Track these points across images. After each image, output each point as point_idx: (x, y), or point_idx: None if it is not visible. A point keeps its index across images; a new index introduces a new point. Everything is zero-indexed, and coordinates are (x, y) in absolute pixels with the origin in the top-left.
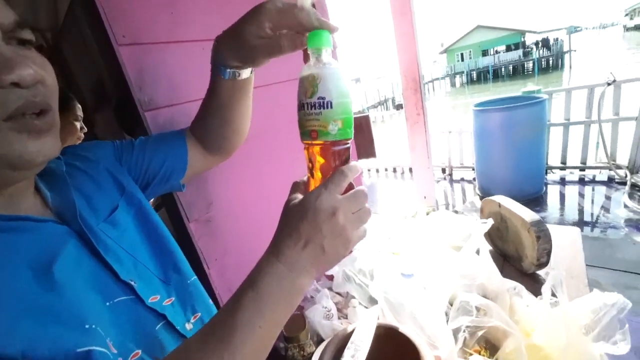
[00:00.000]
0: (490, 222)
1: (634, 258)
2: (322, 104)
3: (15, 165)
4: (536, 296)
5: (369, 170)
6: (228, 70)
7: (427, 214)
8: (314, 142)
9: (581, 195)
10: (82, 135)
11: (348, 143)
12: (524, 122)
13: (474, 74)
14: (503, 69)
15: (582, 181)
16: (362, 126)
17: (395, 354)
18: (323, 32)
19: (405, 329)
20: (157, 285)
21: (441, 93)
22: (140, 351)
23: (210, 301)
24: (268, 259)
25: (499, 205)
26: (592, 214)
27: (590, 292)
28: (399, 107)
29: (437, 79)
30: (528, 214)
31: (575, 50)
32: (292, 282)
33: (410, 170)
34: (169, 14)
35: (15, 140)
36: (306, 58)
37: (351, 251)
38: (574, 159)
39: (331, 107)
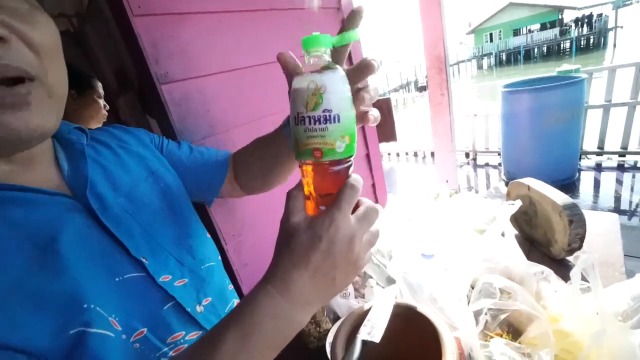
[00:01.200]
0: (518, 203)
1: None
2: (328, 117)
3: None
4: (566, 282)
5: (389, 154)
6: None
7: (451, 196)
8: (316, 161)
9: (619, 182)
10: (106, 114)
11: (351, 160)
12: (559, 103)
13: (503, 56)
14: (536, 50)
15: (621, 167)
16: (383, 109)
17: (413, 335)
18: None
19: (424, 309)
20: (172, 265)
21: (466, 77)
22: (145, 330)
23: (230, 287)
24: (266, 290)
25: (529, 187)
26: (630, 202)
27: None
28: (421, 89)
29: (463, 61)
30: (560, 197)
31: (621, 27)
32: (291, 320)
33: (432, 154)
34: None
35: None
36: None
37: None
38: (613, 144)
39: (339, 121)
